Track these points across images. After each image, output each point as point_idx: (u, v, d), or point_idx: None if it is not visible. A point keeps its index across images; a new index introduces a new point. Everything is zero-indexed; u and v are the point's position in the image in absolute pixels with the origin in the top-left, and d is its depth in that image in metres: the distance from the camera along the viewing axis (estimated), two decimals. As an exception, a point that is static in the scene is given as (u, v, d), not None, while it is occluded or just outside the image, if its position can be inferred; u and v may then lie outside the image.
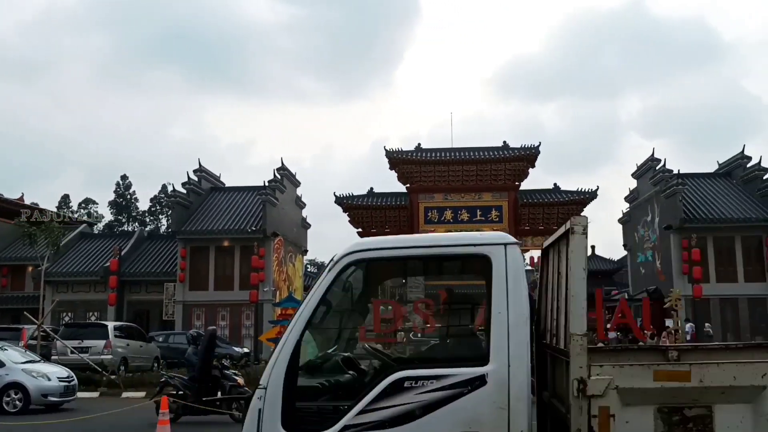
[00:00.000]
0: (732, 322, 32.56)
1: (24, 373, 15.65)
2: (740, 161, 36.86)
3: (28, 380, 15.55)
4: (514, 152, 37.54)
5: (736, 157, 37.34)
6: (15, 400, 15.31)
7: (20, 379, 15.51)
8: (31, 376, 15.64)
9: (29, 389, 15.39)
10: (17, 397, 15.32)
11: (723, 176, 37.58)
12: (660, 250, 35.40)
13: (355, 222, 38.18)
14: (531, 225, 37.40)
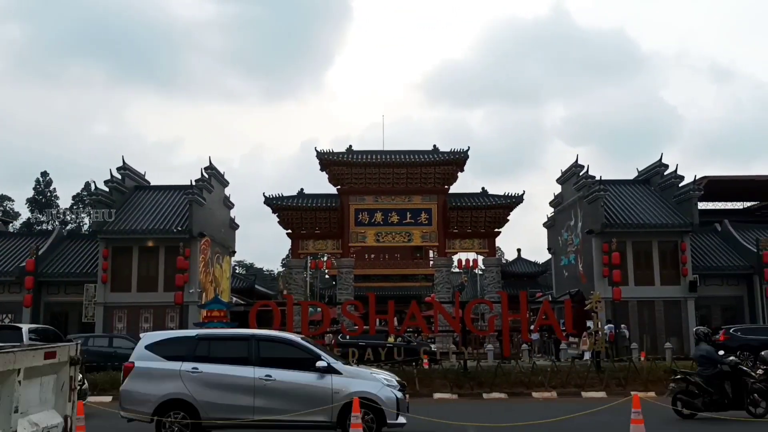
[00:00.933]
0: (649, 323, 33.85)
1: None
2: (658, 169, 38.37)
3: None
4: (443, 156, 38.01)
5: (654, 165, 38.86)
6: None
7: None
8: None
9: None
10: None
11: (642, 183, 39.04)
12: (582, 254, 36.50)
13: (285, 223, 37.86)
14: (459, 228, 37.93)
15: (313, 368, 10.93)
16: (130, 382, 11.20)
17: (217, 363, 11.11)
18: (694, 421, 12.72)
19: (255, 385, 10.81)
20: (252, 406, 10.76)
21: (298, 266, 39.00)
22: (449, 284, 38.62)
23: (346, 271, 37.89)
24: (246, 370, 10.95)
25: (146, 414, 10.83)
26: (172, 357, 11.25)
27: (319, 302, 38.00)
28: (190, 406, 10.83)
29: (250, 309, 22.91)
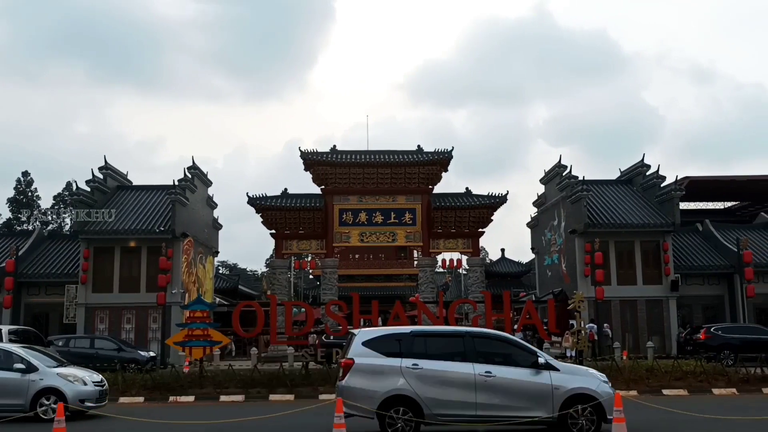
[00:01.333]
0: (631, 322, 34.11)
1: (60, 377, 14.69)
2: (640, 169, 38.66)
3: (64, 385, 14.55)
4: (427, 156, 38.06)
5: (637, 166, 39.15)
6: (50, 408, 14.18)
7: (56, 384, 14.50)
8: (68, 381, 14.68)
9: (66, 395, 14.31)
10: (53, 404, 14.13)
11: (624, 183, 39.32)
12: (565, 254, 36.71)
13: (269, 223, 37.73)
14: (443, 228, 38.00)
15: (530, 365, 11.06)
16: (351, 378, 11.07)
17: (434, 359, 11.14)
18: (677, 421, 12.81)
19: (476, 381, 10.87)
20: (474, 402, 10.83)
21: (282, 266, 38.89)
22: (433, 284, 38.67)
23: (330, 271, 37.83)
24: (466, 366, 11.01)
25: (369, 410, 10.78)
26: (389, 353, 11.22)
27: (303, 302, 37.92)
28: (413, 402, 10.82)
29: (234, 309, 22.82)
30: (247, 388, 18.92)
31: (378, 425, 10.85)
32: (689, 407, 14.00)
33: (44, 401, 14.33)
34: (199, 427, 13.30)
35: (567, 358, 27.02)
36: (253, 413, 14.47)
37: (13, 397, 14.25)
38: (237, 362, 27.76)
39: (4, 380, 14.34)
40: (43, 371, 14.68)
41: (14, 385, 14.31)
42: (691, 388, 19.05)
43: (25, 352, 15.28)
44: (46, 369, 14.82)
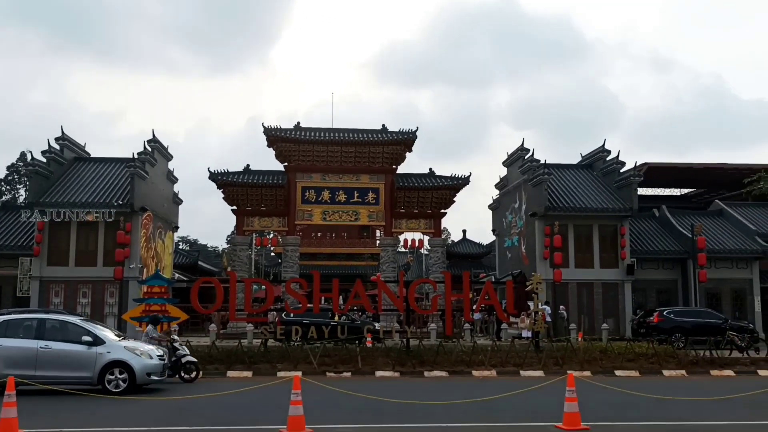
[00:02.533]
0: (587, 304, 34.76)
1: (127, 350, 14.77)
2: (600, 154, 39.20)
3: (132, 358, 14.63)
4: (392, 136, 38.01)
5: (597, 151, 39.68)
6: (119, 380, 14.34)
7: (124, 357, 14.55)
8: (135, 354, 14.77)
9: (134, 368, 14.49)
10: (121, 377, 14.37)
11: (585, 168, 39.85)
12: (525, 236, 37.14)
13: (230, 200, 37.36)
14: (406, 208, 38.10)
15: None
16: None
17: None
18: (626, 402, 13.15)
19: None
20: None
21: (243, 243, 38.61)
22: (395, 264, 38.84)
23: (291, 249, 37.70)
24: None
25: None
26: None
27: (264, 280, 37.72)
28: None
29: (193, 285, 22.61)
30: (205, 364, 18.83)
31: None
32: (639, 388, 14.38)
33: (111, 374, 14.45)
34: (158, 403, 13.21)
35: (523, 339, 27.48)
36: (211, 389, 14.42)
37: (81, 370, 14.35)
38: (195, 338, 27.57)
39: (72, 353, 14.41)
40: (110, 344, 14.76)
41: (82, 358, 14.40)
42: (643, 369, 19.55)
43: (91, 325, 15.36)
44: (113, 342, 14.92)
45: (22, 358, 14.17)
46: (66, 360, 14.26)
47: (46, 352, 14.27)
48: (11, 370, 13.33)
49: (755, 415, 11.83)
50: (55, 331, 14.74)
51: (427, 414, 11.50)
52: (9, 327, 14.77)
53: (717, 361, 20.58)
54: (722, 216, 39.82)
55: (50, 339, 14.52)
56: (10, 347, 14.28)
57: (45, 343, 14.38)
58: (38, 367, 14.12)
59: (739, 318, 33.62)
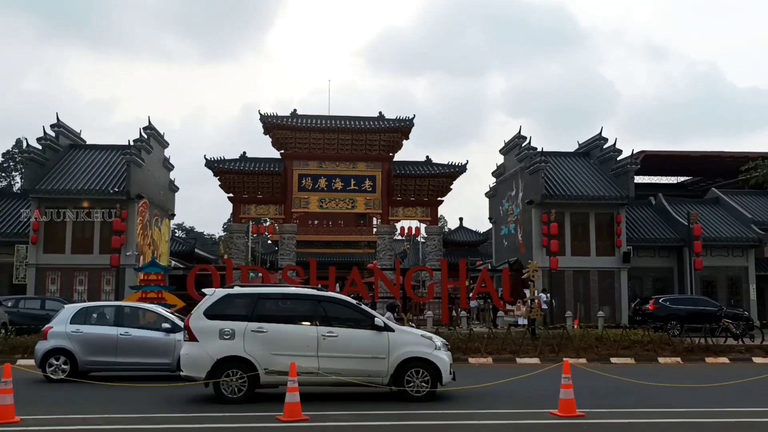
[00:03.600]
0: (584, 292, 34.88)
1: None
2: (597, 142, 39.19)
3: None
4: (389, 123, 37.94)
5: (594, 139, 39.68)
6: None
7: None
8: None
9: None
10: None
11: (582, 156, 39.86)
12: (522, 224, 37.19)
13: (227, 187, 37.32)
14: (403, 196, 38.10)
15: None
16: None
17: None
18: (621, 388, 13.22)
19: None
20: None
21: (239, 231, 38.60)
22: (392, 251, 38.89)
23: (288, 236, 37.71)
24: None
25: None
26: None
27: (260, 267, 37.74)
28: None
29: (189, 273, 22.64)
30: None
31: None
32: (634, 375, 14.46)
33: None
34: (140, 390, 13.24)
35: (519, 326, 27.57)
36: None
37: (161, 356, 14.48)
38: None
39: (153, 340, 14.58)
40: None
41: (162, 345, 14.53)
42: (638, 356, 19.63)
43: (167, 312, 15.59)
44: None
45: (103, 344, 14.36)
46: (145, 347, 14.44)
47: (126, 339, 14.44)
48: (93, 356, 13.83)
49: (749, 402, 11.91)
50: (133, 319, 15.00)
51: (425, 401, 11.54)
52: (88, 314, 15.10)
53: (712, 349, 20.68)
54: (718, 204, 39.90)
55: (129, 326, 14.71)
56: (91, 334, 14.46)
57: (125, 330, 14.54)
58: (119, 354, 14.30)
59: (735, 306, 33.76)
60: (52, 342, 14.47)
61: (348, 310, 11.94)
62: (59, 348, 14.37)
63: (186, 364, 11.31)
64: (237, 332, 11.33)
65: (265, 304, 11.80)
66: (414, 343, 11.78)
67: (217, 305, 11.62)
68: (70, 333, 14.51)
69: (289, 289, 13.26)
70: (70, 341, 14.40)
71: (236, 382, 11.10)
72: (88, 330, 14.58)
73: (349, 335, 11.56)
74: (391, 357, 11.50)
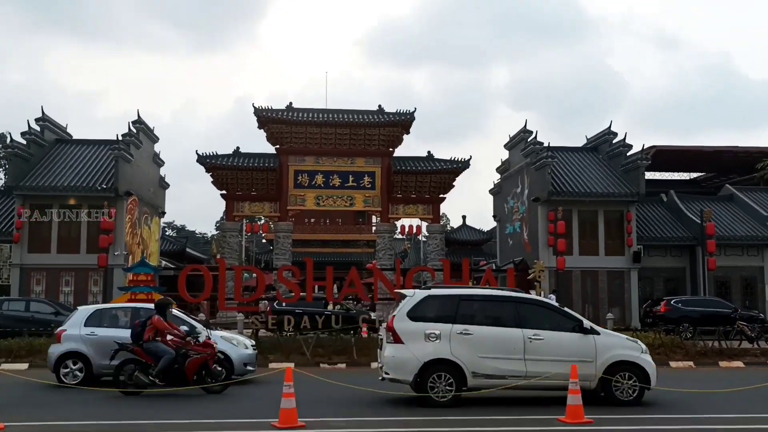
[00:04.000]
0: (592, 293, 34.88)
1: (224, 340, 15.02)
2: (606, 137, 39.16)
3: (230, 349, 14.92)
4: (389, 117, 37.89)
5: (603, 133, 39.65)
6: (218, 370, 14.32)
7: (222, 348, 14.66)
8: (232, 344, 15.10)
9: (233, 359, 14.79)
10: (219, 368, 14.29)
11: (590, 151, 39.84)
12: (528, 222, 37.19)
13: (219, 183, 37.26)
14: (404, 193, 38.05)
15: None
16: None
17: None
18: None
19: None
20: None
21: (232, 229, 38.58)
22: (392, 251, 38.87)
23: (283, 235, 37.70)
24: None
25: None
26: None
27: (255, 267, 37.71)
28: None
29: (180, 273, 22.61)
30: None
31: None
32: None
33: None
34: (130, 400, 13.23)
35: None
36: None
37: None
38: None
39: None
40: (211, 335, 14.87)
41: None
42: (649, 360, 19.64)
43: (184, 315, 15.68)
44: (213, 332, 15.13)
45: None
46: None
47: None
48: (109, 360, 13.72)
49: (765, 408, 11.90)
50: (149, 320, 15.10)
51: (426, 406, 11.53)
52: (103, 317, 15.17)
53: (726, 352, 20.69)
54: (733, 201, 39.89)
55: None
56: (107, 337, 14.34)
57: None
58: None
59: (749, 307, 33.75)
60: (66, 345, 14.56)
61: (551, 313, 12.27)
62: (74, 351, 14.46)
63: (392, 367, 11.62)
64: (443, 334, 11.61)
65: (467, 305, 12.12)
66: (621, 347, 12.16)
67: (419, 307, 11.90)
68: (84, 336, 14.59)
69: (490, 291, 13.43)
70: (84, 344, 14.50)
71: (443, 386, 11.49)
72: (103, 333, 14.59)
73: (555, 338, 11.79)
74: (598, 360, 11.78)
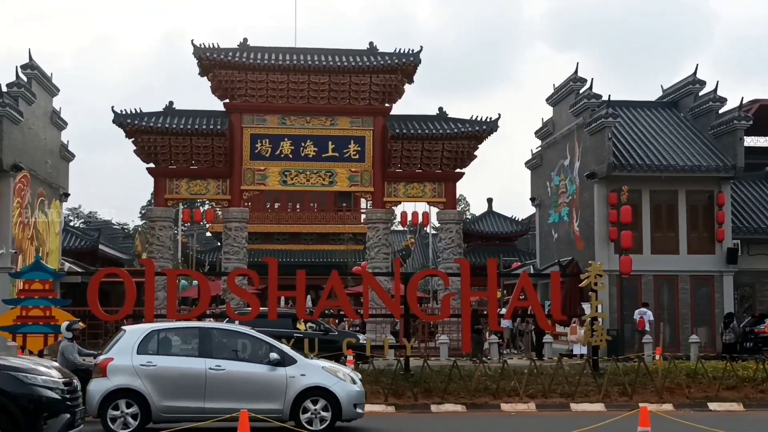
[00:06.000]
0: (669, 306, 34.83)
1: (326, 372, 15.48)
2: (690, 87, 39.08)
3: (335, 384, 15.29)
4: (384, 60, 37.74)
5: (685, 82, 39.57)
6: (320, 414, 14.95)
7: (324, 382, 15.16)
8: (337, 378, 15.43)
9: (339, 398, 15.09)
10: (321, 408, 14.88)
11: (667, 107, 39.79)
12: (579, 207, 37.13)
13: (146, 153, 37.13)
14: (405, 166, 37.96)
15: None
16: None
17: None
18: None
19: None
20: None
21: (164, 218, 38.44)
22: (388, 248, 38.85)
23: (236, 226, 37.64)
24: None
25: None
26: None
27: (195, 272, 37.61)
28: None
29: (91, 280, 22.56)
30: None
31: None
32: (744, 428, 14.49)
33: (309, 406, 14.97)
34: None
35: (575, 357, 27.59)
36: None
37: (267, 400, 14.88)
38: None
39: (256, 377, 15.06)
40: (303, 363, 15.41)
41: (267, 383, 15.01)
42: (749, 400, 19.70)
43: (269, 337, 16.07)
44: (305, 360, 15.69)
45: (186, 383, 14.70)
46: (245, 386, 14.82)
47: (217, 374, 14.77)
48: (172, 401, 14.04)
49: None
50: (225, 345, 15.51)
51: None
52: (160, 339, 15.46)
53: None
54: None
55: (220, 356, 15.15)
56: (169, 368, 14.76)
57: (215, 363, 14.88)
58: (208, 397, 14.65)
59: None
60: (115, 380, 14.68)
61: None
62: (126, 389, 14.63)
63: None
64: None
65: None
66: None
67: None
68: (139, 367, 14.78)
69: None
70: (140, 379, 14.68)
71: None
72: (163, 363, 14.93)
73: None
74: None
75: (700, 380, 20.91)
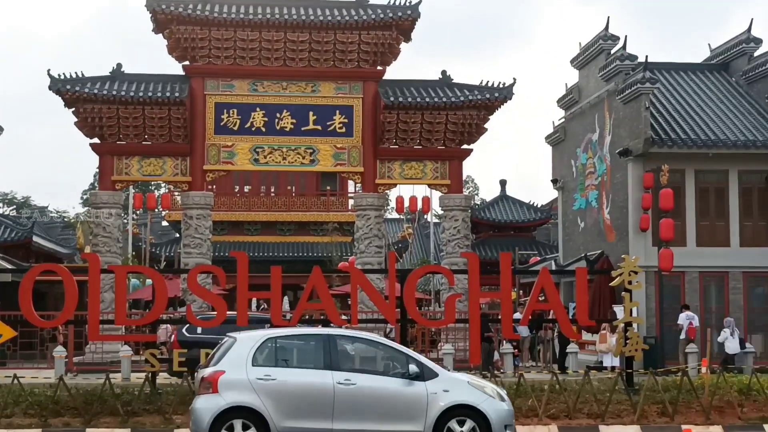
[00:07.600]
0: (718, 309, 34.87)
1: (473, 387, 15.73)
2: (743, 47, 39.05)
3: (483, 401, 15.45)
4: (376, 13, 37.74)
5: (738, 40, 39.54)
6: None
7: (471, 400, 15.34)
8: (486, 394, 15.63)
9: (491, 418, 15.21)
10: (468, 430, 15.06)
11: (715, 70, 39.84)
12: (610, 190, 37.14)
13: (89, 126, 37.09)
14: (401, 142, 37.98)
15: None
16: None
17: None
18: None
19: None
20: None
21: (111, 204, 38.36)
22: (381, 239, 38.90)
23: (198, 214, 37.61)
24: None
25: None
26: None
27: (149, 268, 37.66)
28: None
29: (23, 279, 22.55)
30: (48, 417, 18.91)
31: None
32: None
33: (454, 427, 15.09)
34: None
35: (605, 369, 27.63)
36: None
37: (405, 420, 15.09)
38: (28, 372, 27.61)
39: (392, 393, 15.26)
40: (445, 377, 15.71)
41: (406, 401, 15.20)
42: (815, 421, 19.78)
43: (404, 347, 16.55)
44: (447, 374, 16.12)
45: (311, 400, 14.90)
46: (379, 403, 15.04)
47: (347, 390, 14.91)
48: (295, 421, 14.54)
49: None
50: (354, 356, 15.96)
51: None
52: (279, 349, 15.68)
53: None
54: None
55: (349, 368, 15.47)
56: (291, 383, 14.98)
57: (344, 376, 15.07)
58: (337, 416, 14.83)
59: None
60: (229, 397, 14.81)
61: None
62: (241, 407, 14.76)
63: None
64: None
65: None
66: None
67: None
68: (256, 381, 14.92)
69: None
70: (257, 395, 14.83)
71: None
72: (283, 376, 15.10)
73: None
74: None
75: (755, 397, 20.95)
